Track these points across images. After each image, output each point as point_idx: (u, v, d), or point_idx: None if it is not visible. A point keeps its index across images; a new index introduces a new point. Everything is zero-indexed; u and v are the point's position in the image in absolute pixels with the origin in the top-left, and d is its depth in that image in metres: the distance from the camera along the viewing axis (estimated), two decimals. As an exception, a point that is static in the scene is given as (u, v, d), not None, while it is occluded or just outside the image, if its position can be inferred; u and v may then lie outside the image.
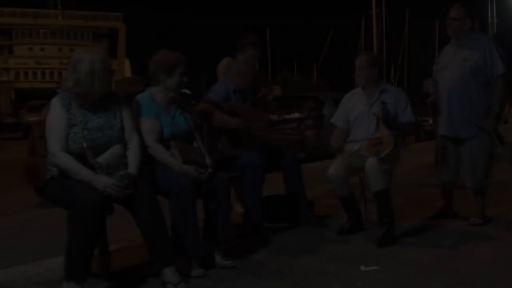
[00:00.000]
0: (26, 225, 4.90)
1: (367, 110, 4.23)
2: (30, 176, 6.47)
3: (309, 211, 4.45)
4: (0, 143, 21.61)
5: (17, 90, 51.44)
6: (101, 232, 3.01)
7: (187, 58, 3.60)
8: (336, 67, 60.79)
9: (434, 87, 4.40)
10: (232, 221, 3.58)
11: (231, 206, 3.88)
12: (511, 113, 25.96)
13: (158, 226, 3.03)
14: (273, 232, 4.21)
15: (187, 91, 3.89)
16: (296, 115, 4.42)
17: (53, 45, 64.95)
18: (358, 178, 4.50)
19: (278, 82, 42.40)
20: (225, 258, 3.41)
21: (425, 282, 3.06)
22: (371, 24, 47.03)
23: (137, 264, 3.54)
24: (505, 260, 3.42)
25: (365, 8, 49.79)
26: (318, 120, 4.46)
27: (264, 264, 3.46)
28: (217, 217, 3.44)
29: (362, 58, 4.31)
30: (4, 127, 29.06)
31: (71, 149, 2.99)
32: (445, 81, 4.35)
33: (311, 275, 3.23)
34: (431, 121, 9.84)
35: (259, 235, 4.05)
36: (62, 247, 2.87)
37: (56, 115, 3.01)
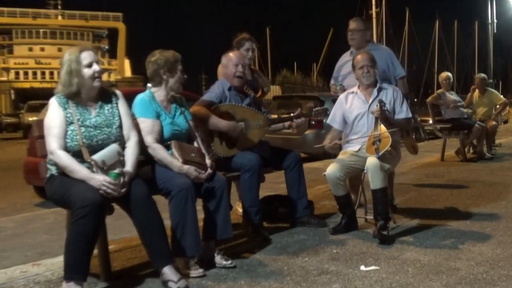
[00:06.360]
0: (26, 225, 4.90)
1: (366, 109, 4.24)
2: (30, 176, 6.48)
3: (309, 211, 4.44)
4: (0, 143, 21.63)
5: (17, 90, 51.32)
6: (100, 232, 3.01)
7: (186, 58, 3.60)
8: (336, 67, 60.61)
9: (342, 91, 4.70)
10: (232, 221, 3.58)
11: (231, 206, 3.87)
12: (511, 112, 25.90)
13: (154, 226, 3.02)
14: (272, 232, 4.21)
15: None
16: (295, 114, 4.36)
17: (53, 45, 64.74)
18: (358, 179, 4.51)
19: (278, 82, 42.38)
20: (225, 258, 3.41)
21: (425, 282, 3.05)
22: (371, 24, 46.93)
23: (137, 264, 3.54)
24: (505, 260, 3.42)
25: (365, 8, 49.76)
26: (323, 113, 4.46)
27: (264, 264, 3.46)
28: (216, 217, 3.43)
29: (368, 57, 4.35)
30: (4, 127, 29.08)
31: (68, 147, 3.00)
32: (354, 84, 4.62)
33: (311, 275, 3.23)
34: (431, 121, 9.89)
35: (259, 235, 4.05)
36: (62, 247, 2.87)
37: (53, 114, 3.03)
